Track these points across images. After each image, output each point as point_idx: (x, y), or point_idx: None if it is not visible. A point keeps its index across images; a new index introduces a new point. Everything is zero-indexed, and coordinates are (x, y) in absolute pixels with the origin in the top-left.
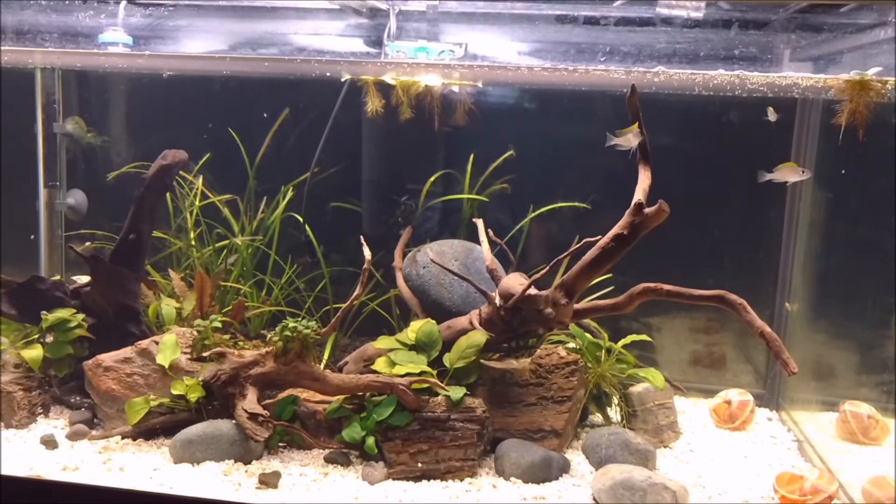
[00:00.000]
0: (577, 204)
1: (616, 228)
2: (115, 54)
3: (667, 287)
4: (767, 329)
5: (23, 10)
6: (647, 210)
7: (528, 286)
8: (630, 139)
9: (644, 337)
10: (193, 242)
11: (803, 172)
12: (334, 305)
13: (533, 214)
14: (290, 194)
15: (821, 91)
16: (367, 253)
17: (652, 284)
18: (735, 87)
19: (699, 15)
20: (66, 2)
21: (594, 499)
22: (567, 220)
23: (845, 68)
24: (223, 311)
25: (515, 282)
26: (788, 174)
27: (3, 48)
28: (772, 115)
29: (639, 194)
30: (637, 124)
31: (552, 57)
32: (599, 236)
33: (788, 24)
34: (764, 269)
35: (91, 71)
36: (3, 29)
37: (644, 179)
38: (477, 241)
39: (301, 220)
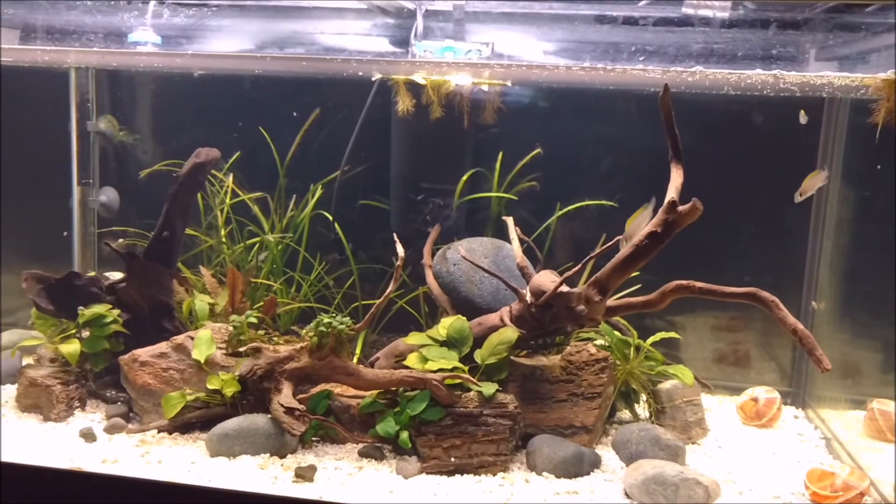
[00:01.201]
0: (604, 202)
1: (650, 226)
2: (147, 53)
3: (699, 284)
4: (800, 326)
5: (69, 11)
6: (680, 208)
7: (560, 283)
8: (816, 182)
9: (673, 334)
10: (224, 240)
11: (825, 176)
12: (363, 302)
13: (560, 212)
14: (319, 192)
15: (854, 90)
16: (400, 250)
17: (684, 282)
18: (767, 87)
19: (725, 14)
20: (102, 2)
21: (626, 493)
22: (594, 219)
23: (873, 68)
24: (254, 307)
25: (547, 279)
26: (816, 182)
27: (38, 48)
28: (803, 118)
29: (671, 192)
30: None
31: (578, 56)
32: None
33: (815, 23)
34: (790, 268)
35: (123, 70)
36: (35, 28)
37: (676, 178)
38: (504, 239)
39: (330, 218)
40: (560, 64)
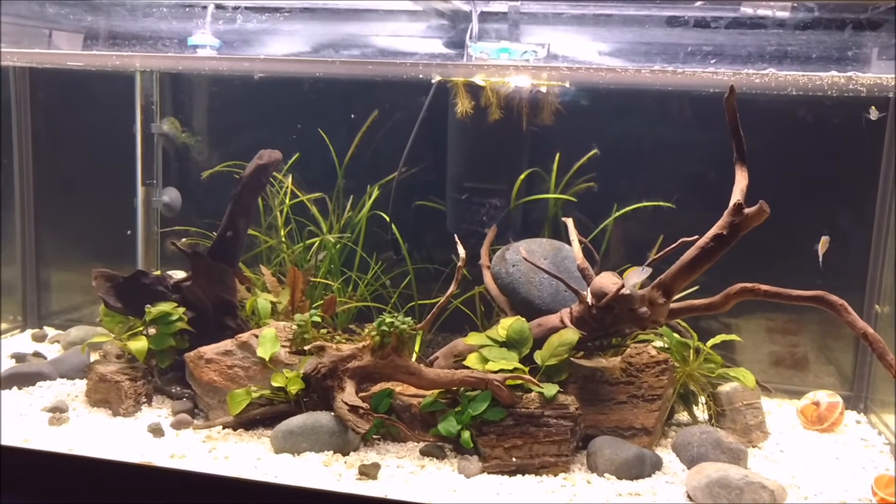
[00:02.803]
0: (661, 203)
1: (715, 228)
2: (211, 58)
3: (764, 287)
4: (870, 330)
5: (145, 18)
6: (746, 210)
7: (623, 285)
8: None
9: (734, 337)
10: (284, 239)
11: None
12: (419, 301)
13: (617, 213)
14: (375, 193)
15: None
16: (461, 251)
17: (749, 284)
18: (836, 88)
19: (785, 14)
20: (176, 9)
21: (688, 496)
22: (650, 220)
23: None
24: (313, 306)
25: (608, 281)
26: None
27: (113, 53)
28: (874, 114)
29: (737, 195)
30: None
31: (632, 57)
32: (697, 236)
33: (878, 23)
34: (852, 270)
35: (185, 73)
36: (98, 33)
37: (741, 179)
38: (560, 240)
39: (388, 219)
40: (629, 67)
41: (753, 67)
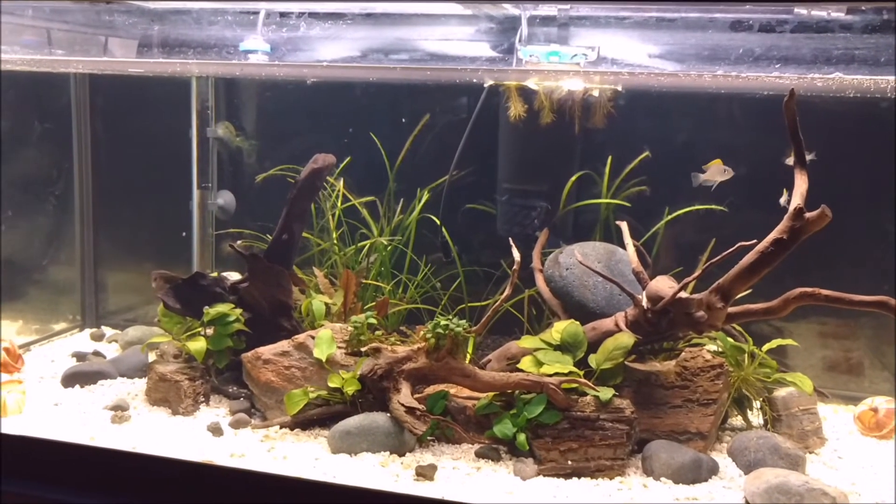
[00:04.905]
0: (714, 206)
1: (775, 233)
2: (267, 65)
3: (825, 292)
4: None
5: (210, 26)
6: (807, 214)
7: (679, 289)
8: (714, 173)
9: (790, 342)
10: (336, 242)
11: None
12: (469, 304)
13: (670, 217)
14: (426, 196)
15: None
16: (515, 255)
17: (809, 289)
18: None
19: (841, 14)
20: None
21: (747, 501)
22: (702, 223)
23: None
24: (365, 307)
25: (664, 285)
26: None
27: (177, 61)
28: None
29: (797, 199)
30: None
31: (682, 59)
32: (755, 240)
33: None
34: None
35: (240, 78)
36: (152, 40)
37: (801, 184)
38: (611, 243)
39: (438, 221)
40: (691, 71)
41: (819, 71)
